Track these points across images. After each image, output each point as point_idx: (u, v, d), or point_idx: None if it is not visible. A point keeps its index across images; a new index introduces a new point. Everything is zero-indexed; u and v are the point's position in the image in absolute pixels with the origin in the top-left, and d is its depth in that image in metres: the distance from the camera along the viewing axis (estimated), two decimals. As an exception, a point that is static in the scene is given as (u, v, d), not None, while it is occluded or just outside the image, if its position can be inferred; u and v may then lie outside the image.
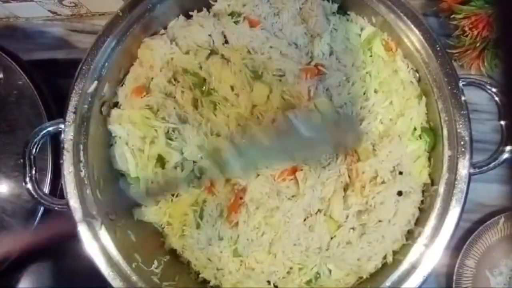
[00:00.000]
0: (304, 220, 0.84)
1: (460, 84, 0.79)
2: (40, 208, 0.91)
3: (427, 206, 0.82)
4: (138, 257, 0.83)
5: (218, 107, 0.86)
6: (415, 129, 0.86)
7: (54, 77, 1.03)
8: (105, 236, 0.80)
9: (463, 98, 0.79)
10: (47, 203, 0.82)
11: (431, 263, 0.76)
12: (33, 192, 0.81)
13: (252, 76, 0.86)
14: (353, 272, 0.84)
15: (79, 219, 0.79)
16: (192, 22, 0.91)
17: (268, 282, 0.86)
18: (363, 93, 0.87)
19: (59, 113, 0.86)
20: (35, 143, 0.81)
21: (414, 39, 0.83)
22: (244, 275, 0.85)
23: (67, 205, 0.80)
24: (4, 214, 0.92)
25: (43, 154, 0.89)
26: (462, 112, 0.78)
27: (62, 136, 0.82)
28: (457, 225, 0.77)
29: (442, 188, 0.78)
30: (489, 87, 0.80)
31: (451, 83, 0.79)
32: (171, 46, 0.89)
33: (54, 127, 0.82)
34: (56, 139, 0.85)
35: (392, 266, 0.82)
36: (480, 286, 0.93)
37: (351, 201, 0.83)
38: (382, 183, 0.83)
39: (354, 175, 0.84)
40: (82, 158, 0.82)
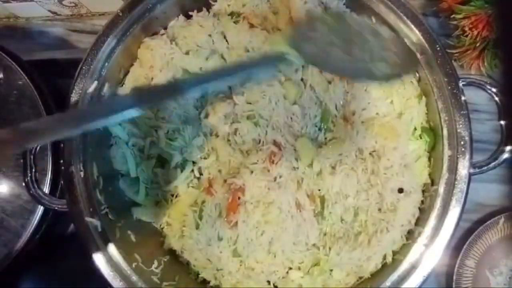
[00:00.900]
0: (300, 211, 0.83)
1: (460, 84, 0.79)
2: (40, 208, 0.91)
3: (427, 206, 0.82)
4: (138, 257, 0.83)
5: (218, 107, 0.86)
6: (415, 129, 0.86)
7: (54, 77, 1.03)
8: (105, 236, 0.80)
9: (463, 98, 0.79)
10: (47, 203, 0.82)
11: (431, 263, 0.76)
12: (33, 192, 0.81)
13: None
14: (353, 272, 0.84)
15: (79, 219, 0.79)
16: (192, 22, 0.91)
17: (268, 282, 0.86)
18: (364, 90, 0.87)
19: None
20: (35, 143, 0.81)
21: (414, 39, 0.83)
22: (244, 275, 0.85)
23: (67, 205, 0.80)
24: (4, 214, 0.92)
25: (43, 154, 0.89)
26: (462, 112, 0.79)
27: (62, 136, 0.82)
28: (457, 225, 0.77)
29: (442, 188, 0.78)
30: (489, 87, 0.80)
31: (451, 83, 0.79)
32: (171, 46, 0.89)
33: (54, 127, 0.82)
34: (56, 139, 0.85)
35: (392, 266, 0.82)
36: (480, 286, 0.93)
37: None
38: (384, 176, 0.83)
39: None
40: (82, 158, 0.82)
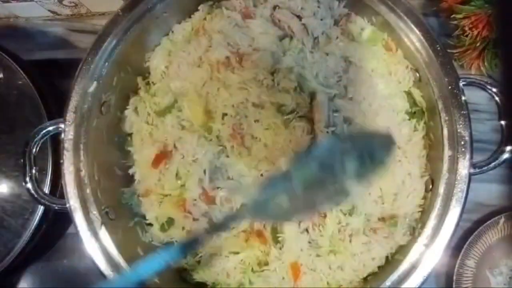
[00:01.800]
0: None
1: (460, 84, 0.79)
2: (40, 208, 0.91)
3: (427, 206, 0.82)
4: (138, 257, 0.83)
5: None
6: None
7: (54, 77, 1.03)
8: (105, 236, 0.80)
9: (463, 98, 0.79)
10: (47, 203, 0.82)
11: (431, 263, 0.76)
12: (33, 192, 0.81)
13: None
14: (353, 272, 0.84)
15: (79, 219, 0.79)
16: None
17: None
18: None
19: (59, 113, 0.86)
20: (35, 142, 0.81)
21: (414, 39, 0.83)
22: None
23: (67, 205, 0.80)
24: (4, 214, 0.91)
25: (43, 154, 0.89)
26: (462, 112, 0.78)
27: (62, 136, 0.81)
28: (457, 225, 0.77)
29: (442, 188, 0.78)
30: (489, 87, 0.80)
31: (451, 83, 0.79)
32: None
33: (54, 127, 0.82)
34: (56, 139, 0.85)
35: (392, 266, 0.82)
36: (480, 286, 0.93)
37: None
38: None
39: None
40: (82, 158, 0.82)
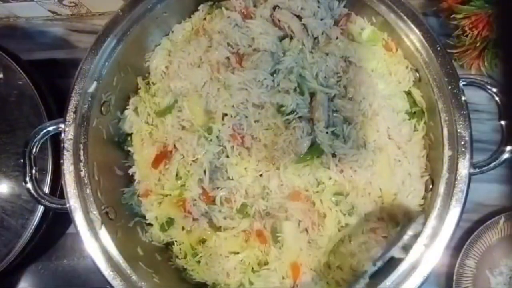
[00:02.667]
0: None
1: (461, 84, 0.79)
2: (40, 208, 0.91)
3: (427, 206, 0.82)
4: (138, 257, 0.83)
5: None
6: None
7: (54, 77, 1.03)
8: (105, 236, 0.80)
9: (463, 98, 0.79)
10: (47, 203, 0.82)
11: (431, 263, 0.76)
12: (33, 192, 0.81)
13: None
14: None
15: (79, 219, 0.79)
16: None
17: None
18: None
19: (59, 113, 0.86)
20: (35, 142, 0.81)
21: (415, 39, 0.83)
22: None
23: (67, 205, 0.80)
24: (4, 214, 0.92)
25: (43, 154, 0.89)
26: (462, 112, 0.78)
27: (62, 135, 0.82)
28: (457, 225, 0.77)
29: (442, 188, 0.78)
30: (489, 87, 0.80)
31: (451, 83, 0.79)
32: None
33: (54, 127, 0.82)
34: (56, 139, 0.85)
35: (392, 266, 0.81)
36: (480, 286, 0.93)
37: None
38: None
39: None
40: (82, 158, 0.82)
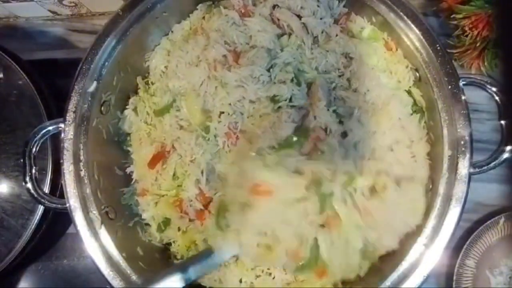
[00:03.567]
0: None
1: (460, 83, 0.79)
2: (40, 208, 0.91)
3: (427, 206, 0.82)
4: (138, 256, 0.83)
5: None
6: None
7: (54, 77, 1.03)
8: (105, 236, 0.80)
9: (463, 98, 0.79)
10: (47, 203, 0.82)
11: (431, 263, 0.76)
12: (33, 191, 0.81)
13: None
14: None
15: (79, 219, 0.79)
16: None
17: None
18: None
19: (59, 113, 0.86)
20: (35, 142, 0.81)
21: (414, 39, 0.83)
22: None
23: (67, 205, 0.80)
24: (4, 214, 0.92)
25: (43, 154, 0.89)
26: (462, 111, 0.78)
27: (62, 135, 0.81)
28: (457, 225, 0.77)
29: (442, 188, 0.78)
30: (489, 87, 0.80)
31: (451, 83, 0.79)
32: None
33: (54, 127, 0.82)
34: (56, 139, 0.85)
35: (392, 266, 0.81)
36: (480, 286, 0.93)
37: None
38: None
39: None
40: (82, 158, 0.82)
